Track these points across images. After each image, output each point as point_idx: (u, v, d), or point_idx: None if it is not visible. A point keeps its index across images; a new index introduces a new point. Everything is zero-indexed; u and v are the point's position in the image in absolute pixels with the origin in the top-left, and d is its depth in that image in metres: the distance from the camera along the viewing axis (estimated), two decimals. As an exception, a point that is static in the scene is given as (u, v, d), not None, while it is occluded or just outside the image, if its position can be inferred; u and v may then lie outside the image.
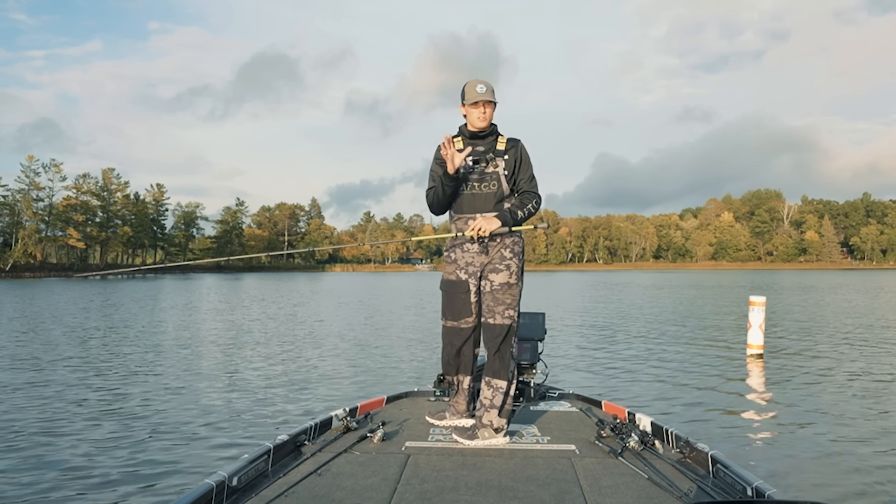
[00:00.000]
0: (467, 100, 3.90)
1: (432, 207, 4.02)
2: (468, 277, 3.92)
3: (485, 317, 3.90)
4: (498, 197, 3.88)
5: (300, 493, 2.94)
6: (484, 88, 3.86)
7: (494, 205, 3.87)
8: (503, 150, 3.92)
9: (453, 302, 3.97)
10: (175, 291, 37.79)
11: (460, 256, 3.95)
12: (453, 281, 3.97)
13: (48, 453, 5.43)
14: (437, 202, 3.96)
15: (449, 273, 4.01)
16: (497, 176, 3.88)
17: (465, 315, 3.95)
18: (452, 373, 4.10)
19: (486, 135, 3.95)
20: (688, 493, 2.92)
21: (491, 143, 3.95)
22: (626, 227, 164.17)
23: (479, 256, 3.89)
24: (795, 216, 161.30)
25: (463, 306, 3.94)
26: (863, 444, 5.68)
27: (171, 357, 11.08)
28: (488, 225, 3.75)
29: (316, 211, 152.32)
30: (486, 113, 3.89)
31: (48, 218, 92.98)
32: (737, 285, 45.14)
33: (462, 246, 3.94)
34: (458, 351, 4.02)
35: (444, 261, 4.14)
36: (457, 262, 3.96)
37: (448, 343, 4.05)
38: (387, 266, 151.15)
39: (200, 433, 6.08)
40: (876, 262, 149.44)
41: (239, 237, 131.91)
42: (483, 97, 3.84)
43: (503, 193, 3.88)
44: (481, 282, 3.91)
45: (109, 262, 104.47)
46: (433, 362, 10.17)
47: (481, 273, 3.90)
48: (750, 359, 10.77)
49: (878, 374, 9.29)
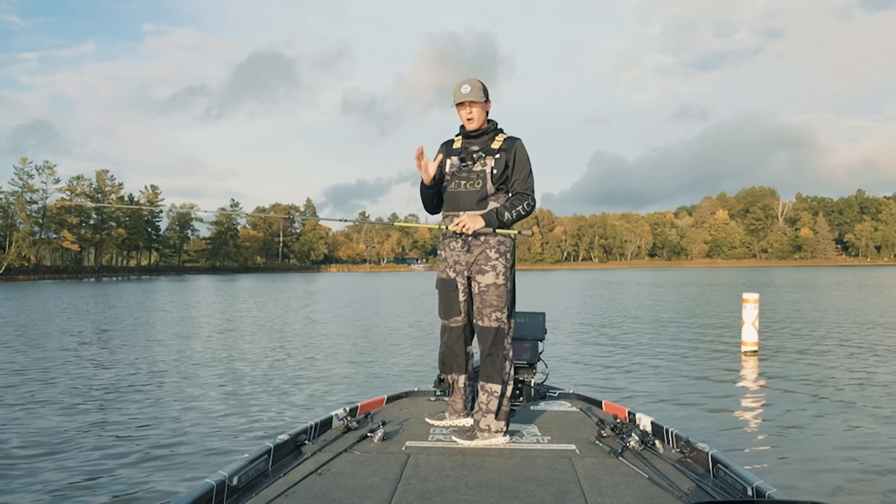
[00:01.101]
0: (454, 101, 3.92)
1: (424, 207, 4.13)
2: (456, 276, 3.94)
3: (475, 319, 3.90)
4: (481, 195, 3.87)
5: (300, 493, 2.94)
6: (468, 88, 3.85)
7: (477, 203, 3.87)
8: (497, 149, 3.91)
9: (445, 300, 4.00)
10: (171, 292, 37.71)
11: (449, 255, 3.97)
12: (444, 279, 4.00)
13: (47, 453, 5.41)
14: (424, 202, 4.09)
15: (441, 271, 4.04)
16: (483, 175, 3.87)
17: (454, 313, 3.97)
18: (447, 371, 4.12)
19: (481, 133, 3.96)
20: (688, 492, 2.92)
21: (486, 141, 3.95)
22: (621, 226, 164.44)
23: (463, 255, 3.89)
24: (790, 213, 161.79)
25: (452, 305, 3.97)
26: (863, 444, 5.67)
27: (170, 357, 11.04)
28: (472, 223, 3.75)
29: (311, 211, 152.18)
30: (473, 112, 3.89)
31: (42, 220, 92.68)
32: (735, 283, 45.15)
33: (449, 245, 3.97)
34: (451, 349, 4.04)
35: (437, 259, 4.16)
36: (446, 261, 3.99)
37: (442, 341, 4.10)
38: (382, 266, 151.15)
39: (200, 433, 6.06)
40: (870, 259, 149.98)
41: (234, 238, 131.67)
42: (467, 97, 3.85)
43: (486, 192, 3.88)
44: (470, 283, 3.93)
45: (104, 265, 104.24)
46: (433, 362, 10.17)
47: (469, 273, 3.91)
48: (745, 356, 10.80)
49: (876, 373, 9.31)
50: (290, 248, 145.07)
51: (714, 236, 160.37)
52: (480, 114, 3.91)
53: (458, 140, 4.03)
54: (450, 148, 4.04)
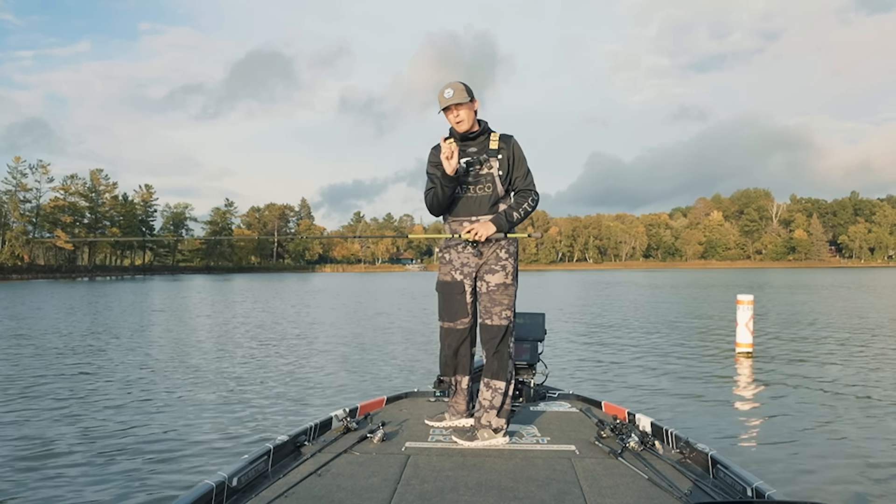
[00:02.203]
0: (440, 107, 3.85)
1: (431, 209, 4.00)
2: (463, 278, 3.91)
3: (482, 318, 3.90)
4: (493, 200, 3.86)
5: (300, 494, 2.94)
6: (451, 92, 3.79)
7: (490, 207, 3.86)
8: (496, 149, 3.88)
9: (449, 303, 3.96)
10: (167, 292, 37.61)
11: (455, 257, 3.94)
12: (448, 282, 3.96)
13: (46, 454, 5.38)
14: (436, 204, 3.93)
15: (444, 274, 4.00)
16: (492, 178, 3.85)
17: (461, 315, 3.95)
18: (450, 373, 4.10)
19: (476, 135, 3.92)
20: (688, 493, 2.92)
21: (483, 142, 3.92)
22: (616, 227, 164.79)
23: (473, 258, 3.88)
24: (784, 215, 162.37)
25: (459, 307, 3.94)
26: (862, 444, 5.69)
27: (169, 357, 11.01)
28: (485, 231, 3.74)
29: (306, 211, 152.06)
30: (461, 114, 3.83)
31: (35, 219, 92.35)
32: (733, 284, 45.14)
33: (457, 247, 3.93)
34: (456, 351, 4.01)
35: (438, 262, 4.13)
36: (452, 263, 3.95)
37: (445, 344, 4.05)
38: (377, 266, 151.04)
39: (200, 433, 6.05)
40: (864, 261, 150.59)
41: (228, 238, 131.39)
42: (452, 101, 3.78)
43: (498, 195, 3.87)
44: (477, 283, 3.91)
45: (98, 264, 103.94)
46: (433, 363, 10.16)
47: (476, 274, 3.90)
48: (739, 357, 10.82)
49: (875, 371, 9.34)
50: (284, 247, 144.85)
51: (708, 237, 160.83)
52: (468, 114, 3.85)
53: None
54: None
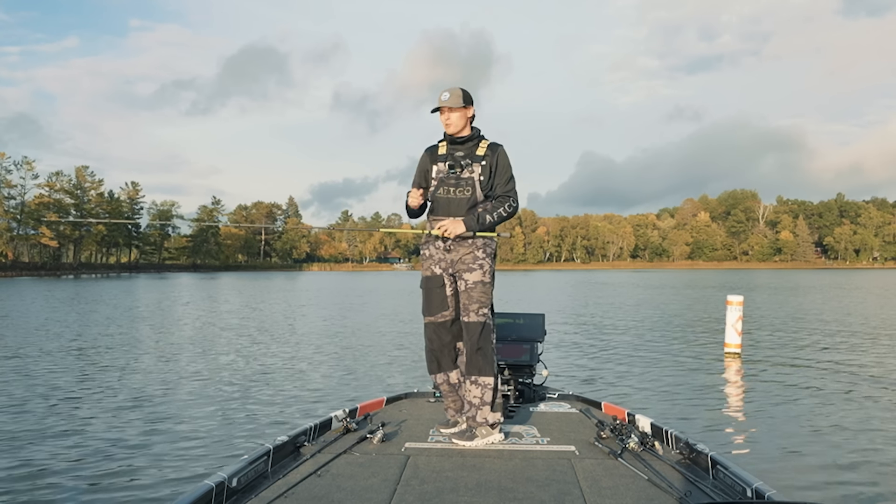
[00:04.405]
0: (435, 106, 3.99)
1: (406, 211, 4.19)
2: (442, 272, 4.01)
3: (462, 315, 3.96)
4: (471, 202, 3.95)
5: (300, 494, 2.94)
6: (447, 95, 3.94)
7: (467, 210, 3.95)
8: (482, 156, 3.99)
9: (431, 297, 4.04)
10: (156, 290, 37.38)
11: (433, 252, 4.03)
12: (429, 276, 4.05)
13: (45, 455, 5.34)
14: (408, 210, 4.16)
15: (425, 269, 4.10)
16: (472, 182, 3.96)
17: (441, 308, 4.01)
18: (435, 369, 4.10)
19: (465, 140, 4.03)
20: (687, 494, 2.94)
21: (471, 148, 4.03)
22: (604, 227, 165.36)
23: (447, 254, 3.97)
24: (771, 216, 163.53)
25: (439, 300, 4.01)
26: (862, 444, 5.73)
27: (168, 358, 10.95)
28: (454, 228, 3.84)
29: (293, 210, 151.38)
30: (451, 118, 3.96)
31: (20, 216, 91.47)
32: (724, 285, 45.30)
33: (434, 243, 4.03)
34: (441, 345, 4.05)
35: (420, 259, 4.20)
36: (431, 258, 4.05)
37: (428, 339, 4.09)
38: (365, 265, 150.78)
39: (200, 434, 6.03)
40: (849, 262, 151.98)
41: (215, 236, 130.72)
42: (444, 104, 3.94)
43: (476, 199, 3.96)
44: (457, 281, 3.98)
45: (83, 262, 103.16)
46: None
47: (454, 271, 3.97)
48: (728, 358, 10.90)
49: (873, 371, 9.44)
50: (271, 245, 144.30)
51: (695, 238, 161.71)
52: (458, 119, 3.97)
53: (443, 146, 4.09)
54: (435, 154, 4.09)
